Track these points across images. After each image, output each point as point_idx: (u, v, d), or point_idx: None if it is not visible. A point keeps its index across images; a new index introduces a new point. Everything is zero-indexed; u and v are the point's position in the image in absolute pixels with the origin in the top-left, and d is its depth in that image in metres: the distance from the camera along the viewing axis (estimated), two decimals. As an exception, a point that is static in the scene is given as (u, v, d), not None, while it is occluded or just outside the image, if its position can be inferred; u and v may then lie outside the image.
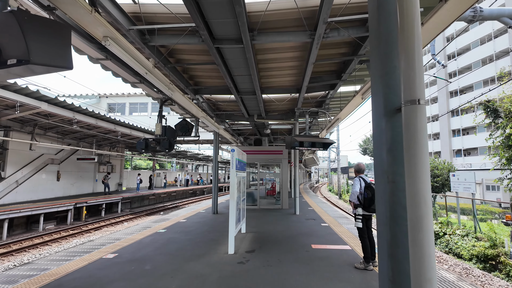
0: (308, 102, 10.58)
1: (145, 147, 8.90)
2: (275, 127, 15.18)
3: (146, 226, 9.32)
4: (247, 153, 14.35)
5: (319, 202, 17.74)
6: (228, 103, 10.68)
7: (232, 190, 5.83)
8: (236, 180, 6.07)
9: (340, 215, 11.55)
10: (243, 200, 7.46)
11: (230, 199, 5.81)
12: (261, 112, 11.21)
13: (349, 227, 8.70)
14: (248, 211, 12.28)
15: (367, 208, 4.88)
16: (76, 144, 21.58)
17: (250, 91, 8.73)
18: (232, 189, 5.84)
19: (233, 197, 5.81)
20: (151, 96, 9.02)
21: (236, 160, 6.07)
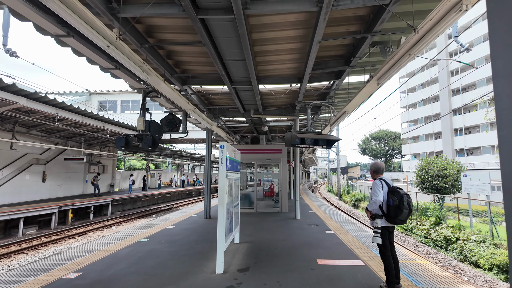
0: (310, 95, 9.54)
1: (125, 145, 7.84)
2: (273, 124, 14.14)
3: (128, 234, 8.24)
4: (243, 152, 13.32)
5: (320, 204, 16.71)
6: (221, 96, 9.63)
7: (221, 195, 4.78)
8: (227, 182, 5.02)
9: (345, 220, 10.51)
10: (237, 205, 6.40)
11: (219, 206, 4.75)
12: (258, 107, 10.17)
13: (357, 235, 7.66)
14: (244, 215, 11.23)
15: (393, 219, 3.83)
16: (64, 143, 20.44)
17: (245, 81, 7.68)
18: (221, 193, 4.78)
19: (222, 204, 4.76)
20: (134, 87, 7.96)
21: (227, 159, 5.02)
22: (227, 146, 4.99)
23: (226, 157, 4.98)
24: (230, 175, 5.42)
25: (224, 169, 4.86)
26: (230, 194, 5.40)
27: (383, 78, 4.92)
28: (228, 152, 5.15)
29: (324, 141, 8.71)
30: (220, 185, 4.80)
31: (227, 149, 4.97)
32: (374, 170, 4.20)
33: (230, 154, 5.37)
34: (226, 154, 4.91)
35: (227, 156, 5.05)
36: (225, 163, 4.87)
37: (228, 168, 5.21)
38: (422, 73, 45.42)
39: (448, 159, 15.85)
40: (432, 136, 44.77)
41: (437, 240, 12.55)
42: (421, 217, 15.44)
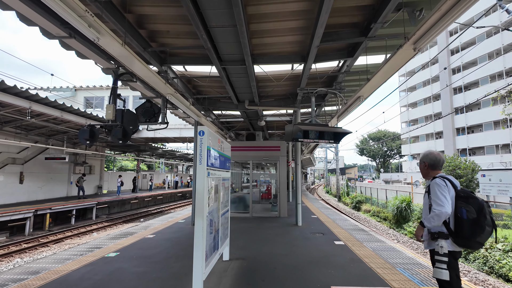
0: (314, 81, 8.19)
1: (91, 137, 6.42)
2: (271, 119, 12.77)
3: (96, 246, 6.80)
4: (237, 149, 11.92)
5: (322, 207, 15.34)
6: (210, 82, 8.23)
7: (199, 201, 3.39)
8: (208, 183, 3.62)
9: (353, 226, 9.15)
10: (225, 213, 5.00)
11: (196, 218, 3.36)
12: (253, 96, 8.80)
13: (374, 248, 6.29)
14: (238, 220, 9.84)
15: (466, 240, 2.42)
16: (45, 141, 18.89)
17: (237, 59, 6.30)
18: (199, 199, 3.39)
19: (201, 214, 3.37)
20: (101, 67, 6.54)
21: (209, 151, 3.62)
22: (209, 134, 3.60)
23: (208, 149, 3.59)
24: (215, 174, 4.03)
25: (205, 164, 3.46)
26: (214, 199, 4.00)
27: (424, 39, 3.56)
28: (212, 142, 3.76)
29: (331, 134, 7.35)
30: (198, 187, 3.41)
31: (209, 137, 3.58)
32: (429, 163, 2.79)
33: (215, 145, 3.97)
34: (207, 143, 3.52)
35: (210, 147, 3.65)
36: (206, 157, 3.48)
37: (212, 164, 3.82)
38: (422, 72, 44.35)
39: (460, 158, 14.64)
40: (433, 136, 43.66)
41: (453, 248, 11.23)
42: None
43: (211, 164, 3.74)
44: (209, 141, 3.61)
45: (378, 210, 20.79)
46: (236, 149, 11.45)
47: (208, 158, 3.58)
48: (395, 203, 16.87)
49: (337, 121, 8.81)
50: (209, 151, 3.61)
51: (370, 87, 5.50)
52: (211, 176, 3.77)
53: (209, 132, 3.59)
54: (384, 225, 17.76)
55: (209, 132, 3.60)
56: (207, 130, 3.54)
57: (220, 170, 4.41)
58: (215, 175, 4.02)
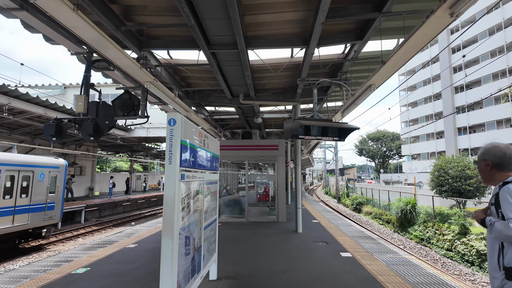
0: (316, 71, 7.33)
1: (57, 133, 5.53)
2: (268, 116, 11.90)
3: (65, 259, 5.90)
4: (232, 149, 11.03)
5: (323, 210, 14.48)
6: (199, 72, 7.35)
7: (167, 214, 2.51)
8: (182, 190, 2.74)
9: (359, 233, 8.29)
10: (212, 224, 4.11)
11: (163, 236, 2.49)
12: (248, 89, 7.92)
13: (387, 261, 5.42)
14: (232, 226, 8.95)
15: None
16: (31, 141, 17.96)
17: (228, 42, 5.42)
18: (168, 212, 2.51)
19: (170, 232, 2.49)
20: (71, 52, 5.65)
21: (184, 147, 2.74)
22: (184, 124, 2.72)
23: (183, 144, 2.71)
24: (194, 176, 3.14)
25: (177, 164, 2.58)
26: (193, 209, 3.11)
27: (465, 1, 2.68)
28: (188, 135, 2.88)
29: (336, 131, 6.49)
30: (166, 195, 2.53)
31: (184, 128, 2.69)
32: (494, 162, 1.90)
33: (193, 139, 3.09)
34: (181, 136, 2.63)
35: (185, 141, 2.77)
36: (178, 154, 2.60)
37: (189, 164, 2.94)
38: (423, 70, 43.62)
39: (469, 158, 13.85)
40: (434, 136, 42.94)
41: (466, 255, 10.40)
42: (440, 224, 13.30)
43: (187, 163, 2.85)
44: (184, 133, 2.73)
45: (380, 213, 19.94)
46: (230, 148, 10.57)
47: (182, 156, 2.69)
48: (399, 205, 16.02)
49: (342, 116, 7.95)
50: (184, 147, 2.72)
51: (386, 72, 4.65)
52: (188, 180, 2.88)
53: (184, 122, 2.71)
54: (387, 228, 16.91)
55: (184, 121, 2.71)
56: (181, 119, 2.65)
57: (203, 172, 3.53)
58: (195, 178, 3.13)
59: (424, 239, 13.21)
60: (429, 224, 14.03)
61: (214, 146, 4.26)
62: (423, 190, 21.31)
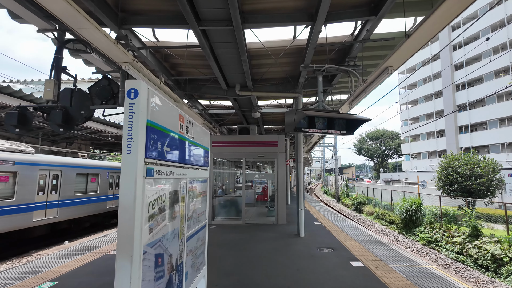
0: (321, 57, 6.58)
1: (21, 123, 4.73)
2: (267, 111, 11.11)
3: (33, 270, 5.10)
4: (228, 145, 10.25)
5: (324, 211, 13.75)
6: (190, 57, 6.56)
7: (124, 225, 1.73)
8: (147, 192, 1.96)
9: (367, 237, 7.55)
10: (198, 232, 3.34)
11: (117, 260, 1.72)
12: (246, 79, 7.14)
13: (406, 272, 4.67)
14: (228, 229, 8.19)
15: None
16: (17, 138, 17.07)
17: (221, 17, 4.64)
18: (126, 222, 1.74)
19: (128, 251, 1.72)
20: (37, 28, 4.85)
21: (153, 130, 1.96)
22: (151, 96, 1.94)
23: (151, 126, 1.94)
24: (171, 173, 2.37)
25: (141, 154, 1.81)
26: (169, 216, 2.34)
27: None
28: (159, 115, 2.10)
29: (343, 123, 5.76)
30: (124, 198, 1.76)
31: (152, 103, 1.92)
32: None
33: (169, 122, 2.32)
34: (147, 115, 1.86)
35: (154, 122, 1.99)
36: (143, 140, 1.83)
37: (164, 155, 2.17)
38: (423, 68, 42.99)
39: (478, 156, 13.17)
40: (435, 134, 42.33)
41: (479, 259, 9.68)
42: (448, 226, 12.59)
43: (159, 154, 2.07)
44: (153, 112, 1.95)
45: (382, 213, 19.22)
46: (226, 145, 9.81)
47: (150, 143, 1.92)
48: (403, 205, 15.30)
49: (349, 108, 7.20)
50: (152, 131, 1.95)
51: (408, 50, 3.89)
52: (160, 177, 2.10)
53: (151, 94, 1.93)
54: (391, 230, 16.19)
55: (151, 93, 1.94)
56: (147, 90, 1.88)
57: (185, 167, 2.75)
58: (171, 175, 2.35)
59: (432, 241, 12.49)
60: (436, 225, 13.32)
61: (202, 137, 3.48)
62: (427, 190, 20.63)
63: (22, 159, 9.96)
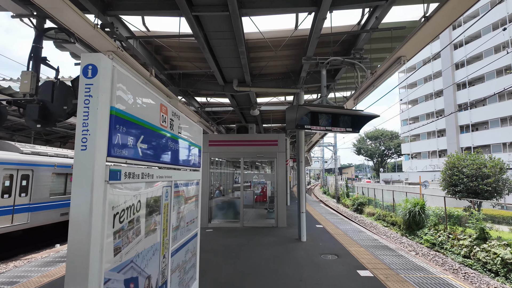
0: (324, 50, 6.16)
1: (-7, 119, 4.29)
2: (266, 108, 10.68)
3: (8, 281, 4.65)
4: (226, 144, 9.79)
5: (325, 212, 13.32)
6: (183, 48, 6.11)
7: (75, 248, 1.28)
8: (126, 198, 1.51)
9: (372, 242, 7.12)
10: (186, 243, 2.89)
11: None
12: (244, 74, 6.70)
13: (419, 283, 4.24)
14: (225, 233, 7.74)
15: None
16: (9, 137, 16.61)
17: (216, 3, 4.20)
18: (78, 245, 1.29)
19: (80, 283, 1.26)
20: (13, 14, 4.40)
21: (119, 120, 1.51)
22: (119, 77, 1.49)
23: (118, 115, 1.48)
24: (150, 175, 1.92)
25: (103, 151, 1.36)
26: (149, 228, 1.89)
27: None
28: (129, 101, 1.65)
29: (348, 119, 5.34)
30: (75, 209, 1.31)
31: (115, 84, 1.47)
32: None
33: (145, 112, 1.87)
34: (111, 100, 1.41)
35: (122, 111, 1.54)
36: (105, 132, 1.38)
37: (138, 153, 1.73)
38: (424, 67, 42.62)
39: (484, 155, 12.78)
40: (435, 134, 41.97)
41: (488, 263, 9.27)
42: (453, 228, 12.17)
43: (129, 152, 1.63)
44: (119, 96, 1.51)
45: (384, 214, 18.81)
46: (223, 144, 9.36)
47: (116, 137, 1.48)
48: (406, 206, 14.89)
49: (354, 104, 6.77)
50: (119, 121, 1.50)
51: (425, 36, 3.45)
52: (131, 181, 1.65)
53: (118, 74, 1.49)
54: (393, 231, 15.77)
55: (119, 73, 1.49)
56: (110, 67, 1.44)
57: (168, 168, 2.30)
58: (149, 178, 1.90)
59: (436, 244, 12.07)
60: (440, 227, 12.90)
61: (193, 134, 3.04)
62: (429, 190, 20.24)
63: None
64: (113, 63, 1.47)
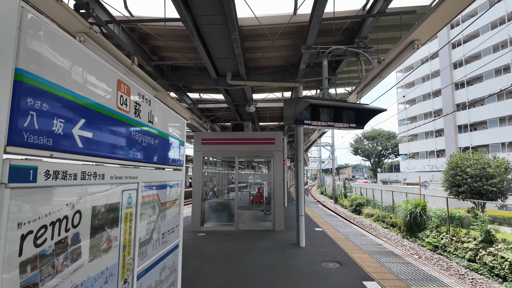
0: (326, 40, 5.67)
1: None
2: (263, 105, 10.18)
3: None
4: (220, 143, 9.31)
5: (324, 214, 12.84)
6: (172, 36, 5.59)
7: None
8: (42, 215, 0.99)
9: (376, 247, 6.64)
10: (166, 257, 2.37)
11: None
12: (238, 66, 6.19)
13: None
14: (218, 237, 7.21)
15: None
16: None
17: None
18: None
19: None
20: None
21: (32, 91, 0.98)
22: (23, 17, 0.95)
23: (31, 82, 0.96)
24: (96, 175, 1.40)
25: (3, 140, 0.84)
26: (95, 246, 1.37)
27: None
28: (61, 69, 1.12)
29: (352, 114, 4.87)
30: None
31: (17, 33, 0.94)
32: None
33: (88, 85, 1.34)
34: (15, 57, 0.89)
35: (48, 81, 1.02)
36: (6, 109, 0.85)
37: (61, 142, 1.21)
38: (422, 67, 42.36)
39: (488, 154, 12.39)
40: (433, 134, 41.72)
41: (495, 268, 8.83)
42: (456, 229, 11.75)
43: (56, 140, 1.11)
44: (38, 54, 0.99)
45: (383, 215, 18.38)
46: (217, 142, 8.85)
47: (28, 118, 0.96)
48: (407, 207, 14.46)
49: (358, 97, 6.29)
50: (32, 92, 0.98)
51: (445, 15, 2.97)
52: (60, 185, 1.13)
53: (31, 20, 0.96)
54: (394, 233, 15.35)
55: (33, 20, 0.97)
56: (17, 4, 0.91)
57: (132, 165, 1.79)
58: (97, 180, 1.39)
59: (439, 247, 11.64)
60: (443, 229, 12.48)
61: (172, 125, 2.53)
62: (429, 190, 19.85)
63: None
64: (22, 3, 0.96)
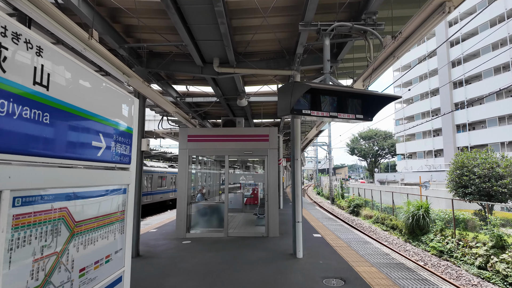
0: (326, 15, 4.85)
1: None
2: (256, 100, 9.33)
3: None
4: (207, 140, 8.41)
5: (322, 217, 12.03)
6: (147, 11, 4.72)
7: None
8: None
9: (384, 258, 5.82)
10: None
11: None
12: (226, 50, 5.34)
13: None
14: (206, 246, 6.33)
15: None
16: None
17: None
18: None
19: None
20: None
21: None
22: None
23: None
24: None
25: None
26: None
27: None
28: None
29: (359, 103, 4.10)
30: None
31: None
32: None
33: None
34: None
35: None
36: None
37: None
38: (419, 66, 41.79)
39: (496, 153, 11.70)
40: (431, 134, 41.17)
41: (509, 276, 8.09)
42: (463, 233, 11.00)
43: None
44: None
45: (383, 217, 17.64)
46: (205, 139, 8.00)
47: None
48: (409, 209, 13.72)
49: (364, 85, 5.47)
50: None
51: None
52: None
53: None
54: (394, 236, 14.60)
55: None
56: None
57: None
58: None
59: (445, 252, 10.88)
60: (448, 233, 11.74)
61: (102, 98, 1.67)
62: (430, 191, 19.14)
63: None
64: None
